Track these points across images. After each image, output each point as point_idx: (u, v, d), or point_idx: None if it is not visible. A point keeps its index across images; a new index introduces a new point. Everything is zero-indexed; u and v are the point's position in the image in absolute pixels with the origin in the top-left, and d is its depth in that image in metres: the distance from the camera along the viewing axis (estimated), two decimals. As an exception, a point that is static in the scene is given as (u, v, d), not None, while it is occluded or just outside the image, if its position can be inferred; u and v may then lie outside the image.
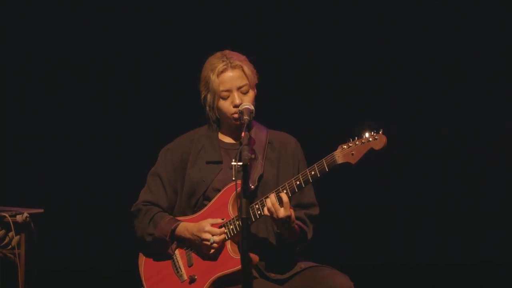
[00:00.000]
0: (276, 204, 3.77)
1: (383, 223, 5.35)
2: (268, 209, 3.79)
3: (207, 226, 3.90)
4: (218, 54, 4.03)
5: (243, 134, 3.74)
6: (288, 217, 3.78)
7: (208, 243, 3.89)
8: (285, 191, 3.80)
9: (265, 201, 3.81)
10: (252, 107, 3.92)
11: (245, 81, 3.98)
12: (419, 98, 5.33)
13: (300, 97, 5.37)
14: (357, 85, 5.34)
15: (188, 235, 3.95)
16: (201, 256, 3.96)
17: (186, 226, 3.97)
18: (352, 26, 5.32)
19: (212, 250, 3.91)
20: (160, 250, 4.02)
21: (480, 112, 5.28)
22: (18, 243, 4.51)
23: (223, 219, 3.93)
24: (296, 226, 3.88)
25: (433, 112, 5.33)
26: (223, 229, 3.90)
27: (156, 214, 4.03)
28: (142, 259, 4.09)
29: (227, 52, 4.03)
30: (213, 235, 3.88)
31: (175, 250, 4.01)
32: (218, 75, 3.97)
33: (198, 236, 3.91)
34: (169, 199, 4.07)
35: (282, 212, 3.77)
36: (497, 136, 5.27)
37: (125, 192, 4.23)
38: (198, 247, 3.94)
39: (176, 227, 3.97)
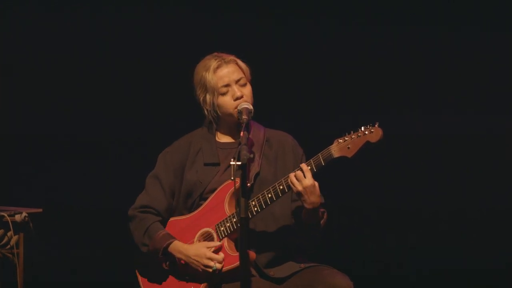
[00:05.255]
0: (299, 174, 3.75)
1: (383, 223, 5.35)
2: (293, 180, 3.76)
3: (208, 253, 3.86)
4: (207, 56, 4.05)
5: (242, 133, 3.74)
6: (313, 185, 3.75)
7: (211, 270, 3.85)
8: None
9: (289, 176, 3.77)
10: (251, 107, 3.93)
11: (241, 74, 3.99)
12: (417, 98, 5.32)
13: (298, 96, 5.37)
14: (355, 84, 5.34)
15: (181, 257, 3.91)
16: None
17: (179, 248, 3.92)
18: (350, 26, 5.32)
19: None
20: (156, 263, 3.98)
21: (480, 112, 5.28)
22: (17, 243, 4.51)
23: (220, 241, 3.90)
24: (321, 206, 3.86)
25: (433, 113, 5.33)
26: (222, 255, 3.86)
27: (150, 225, 3.99)
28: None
29: (215, 53, 4.05)
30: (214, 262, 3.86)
31: (169, 265, 3.97)
32: (214, 71, 3.97)
33: (198, 262, 3.86)
34: (168, 202, 4.05)
35: (306, 181, 3.74)
36: (497, 136, 5.27)
37: (124, 193, 4.22)
38: (194, 269, 3.89)
39: (169, 245, 3.93)
